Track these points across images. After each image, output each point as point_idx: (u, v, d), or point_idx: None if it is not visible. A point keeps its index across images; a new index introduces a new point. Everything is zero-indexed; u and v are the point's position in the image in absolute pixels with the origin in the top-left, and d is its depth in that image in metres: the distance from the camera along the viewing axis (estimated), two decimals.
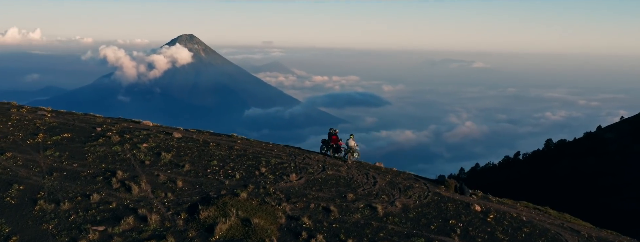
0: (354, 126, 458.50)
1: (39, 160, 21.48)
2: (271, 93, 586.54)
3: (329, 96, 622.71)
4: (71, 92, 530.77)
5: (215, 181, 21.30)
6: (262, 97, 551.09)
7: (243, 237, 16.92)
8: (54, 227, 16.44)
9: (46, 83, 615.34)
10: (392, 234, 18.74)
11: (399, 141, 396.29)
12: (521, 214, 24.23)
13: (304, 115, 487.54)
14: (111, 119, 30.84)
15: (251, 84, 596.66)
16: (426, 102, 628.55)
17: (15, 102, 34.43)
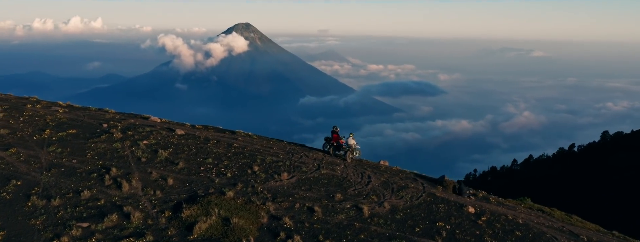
0: (409, 115, 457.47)
1: (41, 156, 22.38)
2: (326, 81, 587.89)
3: (384, 85, 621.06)
4: (130, 79, 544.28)
5: (206, 179, 21.78)
6: (316, 85, 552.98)
7: (221, 237, 17.31)
8: (41, 223, 17.19)
9: (107, 71, 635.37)
10: (374, 236, 18.84)
11: (454, 130, 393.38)
12: (519, 216, 23.91)
13: (358, 104, 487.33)
14: (121, 114, 31.71)
15: (306, 72, 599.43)
16: (483, 91, 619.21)
17: (36, 97, 35.63)
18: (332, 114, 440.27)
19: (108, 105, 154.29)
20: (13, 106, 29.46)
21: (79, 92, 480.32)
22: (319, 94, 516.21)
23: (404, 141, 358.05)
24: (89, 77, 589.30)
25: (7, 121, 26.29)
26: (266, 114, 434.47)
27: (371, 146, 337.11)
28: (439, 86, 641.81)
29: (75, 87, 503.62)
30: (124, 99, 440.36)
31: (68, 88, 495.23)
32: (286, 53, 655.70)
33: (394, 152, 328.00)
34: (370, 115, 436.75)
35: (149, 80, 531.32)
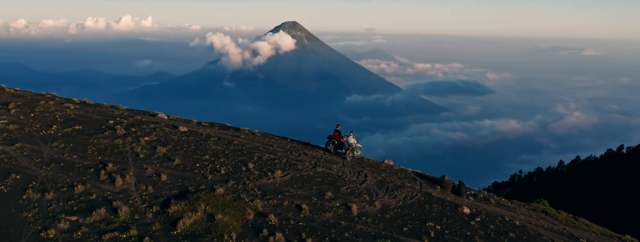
0: (456, 114, 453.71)
1: (44, 151, 23.13)
2: (372, 80, 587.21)
3: (431, 84, 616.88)
4: (179, 77, 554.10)
5: (199, 176, 22.15)
6: (363, 84, 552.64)
7: (204, 232, 17.62)
8: (32, 216, 17.81)
9: (156, 69, 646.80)
10: (358, 235, 18.87)
11: (502, 130, 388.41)
12: (517, 218, 23.55)
13: (405, 103, 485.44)
14: (130, 111, 32.40)
15: (353, 71, 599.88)
16: (532, 91, 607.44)
17: (54, 93, 36.62)
18: (378, 113, 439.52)
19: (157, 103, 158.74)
20: (27, 103, 30.44)
21: (128, 90, 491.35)
22: (366, 93, 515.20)
23: (450, 141, 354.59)
24: (138, 75, 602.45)
25: (17, 117, 27.21)
26: (312, 112, 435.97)
27: (417, 146, 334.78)
28: (487, 85, 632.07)
29: (125, 85, 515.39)
30: (172, 97, 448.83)
31: (118, 86, 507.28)
32: (333, 51, 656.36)
33: (440, 152, 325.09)
34: (416, 115, 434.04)
35: (197, 79, 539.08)
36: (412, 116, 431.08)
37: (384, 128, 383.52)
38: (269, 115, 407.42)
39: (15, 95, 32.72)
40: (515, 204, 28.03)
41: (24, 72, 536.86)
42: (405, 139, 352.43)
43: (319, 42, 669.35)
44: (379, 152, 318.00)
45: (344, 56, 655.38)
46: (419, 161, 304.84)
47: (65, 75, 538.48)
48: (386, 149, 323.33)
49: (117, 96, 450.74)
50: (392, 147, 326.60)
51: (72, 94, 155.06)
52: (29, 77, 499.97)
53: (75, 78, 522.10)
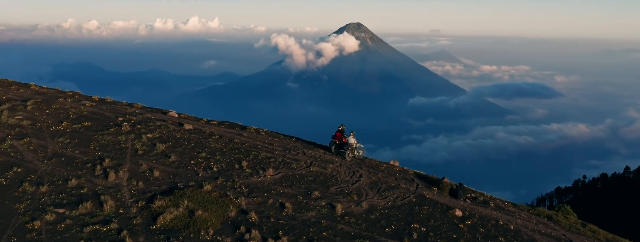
0: (522, 117, 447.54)
1: (49, 146, 24.17)
2: (437, 82, 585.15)
3: (497, 86, 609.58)
4: (244, 78, 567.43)
5: (191, 173, 22.69)
6: (427, 86, 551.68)
7: (183, 228, 18.12)
8: (24, 207, 18.71)
9: (222, 69, 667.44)
10: (337, 234, 18.96)
11: (570, 134, 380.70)
12: (512, 222, 23.09)
13: (469, 106, 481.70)
14: (143, 109, 33.34)
15: (417, 72, 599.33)
16: (603, 94, 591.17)
17: (79, 91, 38.01)
18: (442, 115, 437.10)
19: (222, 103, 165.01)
20: (46, 100, 31.78)
21: (195, 90, 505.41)
22: (429, 95, 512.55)
23: (516, 145, 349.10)
24: (204, 75, 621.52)
25: (33, 113, 28.48)
26: (375, 113, 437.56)
27: (481, 149, 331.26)
28: (555, 88, 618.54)
29: (192, 85, 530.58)
30: (237, 97, 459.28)
31: (185, 85, 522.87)
32: (397, 53, 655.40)
33: (505, 156, 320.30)
34: (481, 118, 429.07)
35: (261, 79, 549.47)
36: (476, 119, 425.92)
37: (447, 131, 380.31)
38: (331, 117, 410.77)
39: (39, 93, 34.17)
40: (520, 208, 27.41)
41: (95, 71, 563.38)
42: (469, 142, 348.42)
43: (383, 44, 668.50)
44: (442, 155, 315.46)
45: (408, 58, 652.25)
46: (483, 165, 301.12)
47: (135, 75, 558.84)
48: (449, 152, 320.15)
49: (184, 96, 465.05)
50: (456, 151, 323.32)
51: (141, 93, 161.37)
52: (100, 76, 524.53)
53: (144, 78, 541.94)
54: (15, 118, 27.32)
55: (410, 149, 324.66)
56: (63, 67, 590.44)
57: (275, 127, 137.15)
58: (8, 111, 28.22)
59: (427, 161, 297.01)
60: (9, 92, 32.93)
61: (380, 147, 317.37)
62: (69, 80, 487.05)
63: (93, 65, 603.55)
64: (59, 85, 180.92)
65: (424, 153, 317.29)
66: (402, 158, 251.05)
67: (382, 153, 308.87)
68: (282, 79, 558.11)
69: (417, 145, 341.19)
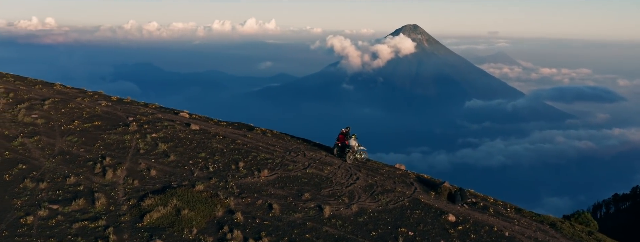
0: (583, 122, 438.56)
1: (57, 144, 25.16)
2: (494, 85, 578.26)
3: (557, 89, 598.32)
4: (300, 79, 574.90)
5: (187, 172, 23.23)
6: (484, 88, 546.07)
7: (167, 226, 18.62)
8: (21, 203, 19.60)
9: (278, 70, 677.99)
10: (320, 236, 19.10)
11: (634, 140, 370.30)
12: (508, 229, 22.69)
13: (528, 109, 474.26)
14: (157, 109, 34.18)
15: (474, 75, 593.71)
16: None
17: (102, 91, 39.26)
18: (499, 119, 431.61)
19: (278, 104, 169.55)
20: (65, 99, 33.04)
21: (251, 90, 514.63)
22: (486, 98, 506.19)
23: (576, 149, 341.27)
24: (261, 76, 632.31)
25: (48, 112, 29.68)
26: (431, 116, 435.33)
27: (540, 154, 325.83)
28: (617, 92, 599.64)
29: (248, 86, 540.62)
30: (293, 98, 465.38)
31: (241, 86, 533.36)
32: (454, 55, 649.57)
33: (564, 161, 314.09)
34: (540, 121, 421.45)
35: (317, 81, 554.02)
36: (535, 123, 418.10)
37: (504, 134, 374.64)
38: (386, 119, 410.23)
39: (60, 93, 35.51)
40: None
41: (154, 72, 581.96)
42: (527, 146, 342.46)
43: (439, 46, 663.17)
44: (499, 159, 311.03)
45: (465, 60, 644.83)
46: (541, 170, 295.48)
47: (193, 76, 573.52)
48: (506, 156, 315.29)
49: (241, 96, 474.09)
50: (513, 155, 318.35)
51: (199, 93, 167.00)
52: (159, 77, 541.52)
53: (201, 79, 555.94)
54: (30, 117, 28.53)
55: (465, 153, 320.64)
56: (124, 67, 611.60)
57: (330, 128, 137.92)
58: (25, 110, 29.50)
59: (483, 164, 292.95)
60: (31, 92, 34.36)
61: (435, 150, 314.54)
62: (129, 81, 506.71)
63: (152, 66, 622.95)
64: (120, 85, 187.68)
65: (480, 157, 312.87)
66: (457, 162, 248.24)
67: (437, 156, 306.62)
68: (338, 81, 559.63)
69: (473, 148, 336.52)
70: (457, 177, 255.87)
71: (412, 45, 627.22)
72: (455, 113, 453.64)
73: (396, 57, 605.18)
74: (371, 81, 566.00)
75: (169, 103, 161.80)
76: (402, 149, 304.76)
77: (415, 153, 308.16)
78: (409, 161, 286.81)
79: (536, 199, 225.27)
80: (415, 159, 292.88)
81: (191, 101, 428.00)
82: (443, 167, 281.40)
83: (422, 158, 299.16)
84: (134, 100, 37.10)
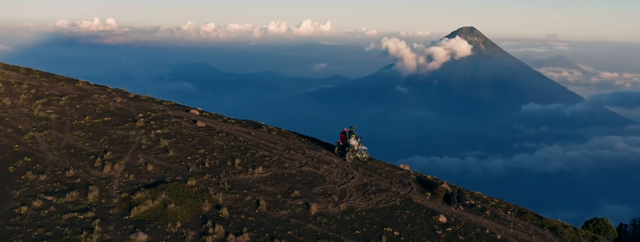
0: None
1: (65, 138, 26.14)
2: (552, 89, 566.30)
3: (618, 94, 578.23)
4: (354, 81, 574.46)
5: (182, 168, 23.78)
6: (542, 92, 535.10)
7: (153, 219, 19.17)
8: (20, 194, 20.50)
9: (333, 72, 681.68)
10: (302, 234, 19.29)
11: None
12: (502, 231, 22.35)
13: (587, 114, 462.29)
14: (170, 106, 34.96)
15: (531, 78, 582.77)
16: None
17: (123, 89, 40.40)
18: (557, 123, 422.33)
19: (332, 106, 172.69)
20: (82, 95, 34.21)
21: (306, 91, 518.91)
22: (544, 102, 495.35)
23: (637, 156, 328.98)
24: (315, 77, 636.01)
25: (63, 108, 30.83)
26: (486, 120, 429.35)
27: (599, 160, 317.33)
28: None
29: (303, 87, 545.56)
30: (347, 100, 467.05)
31: (296, 87, 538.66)
32: (511, 58, 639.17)
33: (624, 168, 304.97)
34: (599, 127, 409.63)
35: (371, 83, 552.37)
36: (594, 128, 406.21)
37: (562, 139, 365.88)
38: (441, 122, 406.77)
39: (80, 89, 36.77)
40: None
41: (211, 72, 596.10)
42: (586, 151, 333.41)
43: (496, 48, 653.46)
44: (556, 164, 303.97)
45: (522, 63, 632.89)
46: (600, 176, 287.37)
47: (248, 76, 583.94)
48: (564, 162, 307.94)
49: (295, 98, 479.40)
50: (571, 160, 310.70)
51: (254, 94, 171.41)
52: (215, 77, 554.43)
53: (257, 79, 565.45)
54: (46, 112, 29.68)
55: (522, 158, 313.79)
56: (181, 68, 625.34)
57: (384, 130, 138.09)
58: (42, 105, 30.71)
59: (540, 170, 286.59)
60: (53, 88, 35.71)
61: (491, 154, 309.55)
62: (186, 81, 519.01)
63: (209, 67, 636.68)
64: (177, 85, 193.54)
65: (536, 162, 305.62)
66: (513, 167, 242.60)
67: (492, 161, 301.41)
68: (392, 83, 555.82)
69: (529, 153, 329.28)
70: (513, 182, 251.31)
71: (468, 47, 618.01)
72: (511, 117, 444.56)
73: (452, 60, 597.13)
74: (426, 84, 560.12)
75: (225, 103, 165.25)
76: (456, 153, 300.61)
77: (469, 157, 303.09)
78: (463, 165, 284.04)
79: (594, 206, 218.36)
80: (470, 163, 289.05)
81: (246, 102, 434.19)
82: (498, 172, 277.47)
83: (477, 162, 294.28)
84: (152, 98, 38.04)
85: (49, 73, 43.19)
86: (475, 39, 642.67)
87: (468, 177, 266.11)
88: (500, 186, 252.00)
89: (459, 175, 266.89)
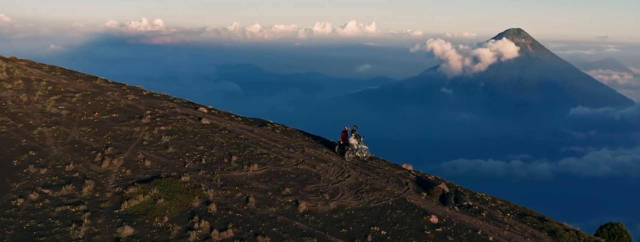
0: None
1: (71, 134, 26.94)
2: (602, 92, 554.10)
3: None
4: (399, 82, 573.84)
5: (179, 164, 24.23)
6: (591, 95, 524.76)
7: (142, 214, 19.64)
8: (19, 186, 21.28)
9: (377, 73, 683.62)
10: (287, 231, 19.47)
11: None
12: (495, 232, 22.06)
13: (638, 118, 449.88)
14: (180, 104, 35.54)
15: (580, 81, 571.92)
16: None
17: (141, 87, 41.28)
18: (607, 127, 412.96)
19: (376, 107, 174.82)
20: (96, 92, 35.13)
21: (350, 92, 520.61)
22: (593, 105, 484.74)
23: None
24: (359, 78, 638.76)
25: (75, 104, 31.74)
26: (533, 123, 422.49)
27: None
28: None
29: (347, 88, 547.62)
30: (391, 101, 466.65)
31: (340, 88, 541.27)
32: (559, 60, 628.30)
33: None
34: None
35: (415, 84, 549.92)
36: None
37: (611, 144, 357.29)
38: (486, 124, 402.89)
39: (96, 86, 37.74)
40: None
41: (256, 73, 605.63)
42: (636, 157, 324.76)
43: (544, 50, 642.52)
44: (605, 169, 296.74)
45: (571, 65, 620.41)
46: None
47: (293, 77, 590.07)
48: (613, 166, 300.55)
49: (339, 99, 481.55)
50: (620, 166, 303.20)
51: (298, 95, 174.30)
52: (260, 78, 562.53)
53: (301, 80, 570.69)
54: (57, 108, 30.62)
55: (569, 162, 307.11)
56: (226, 68, 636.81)
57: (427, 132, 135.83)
58: (55, 101, 31.66)
59: (588, 175, 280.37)
60: (70, 85, 36.75)
61: (537, 158, 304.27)
62: (231, 81, 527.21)
63: (254, 67, 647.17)
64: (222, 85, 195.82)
65: (584, 167, 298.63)
66: (560, 171, 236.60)
67: (539, 165, 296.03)
68: (437, 85, 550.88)
69: (577, 158, 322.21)
70: (559, 186, 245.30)
71: (515, 49, 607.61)
72: (559, 120, 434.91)
73: (498, 62, 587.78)
74: (471, 86, 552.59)
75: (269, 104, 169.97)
76: (501, 156, 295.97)
77: (515, 160, 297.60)
78: (508, 169, 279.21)
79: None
80: (516, 167, 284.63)
81: (290, 102, 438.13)
82: (544, 176, 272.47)
83: (523, 166, 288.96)
84: (166, 96, 38.75)
85: (71, 70, 44.42)
86: (522, 40, 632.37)
87: (513, 181, 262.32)
88: (546, 190, 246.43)
89: (503, 179, 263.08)
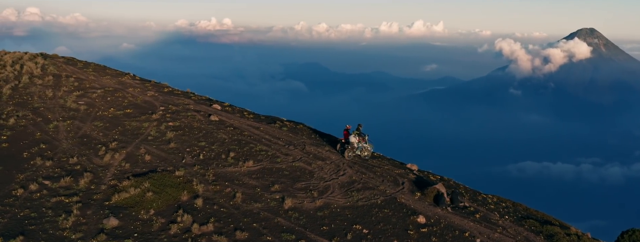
0: None
1: (83, 128, 28.19)
2: None
3: None
4: (466, 83, 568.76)
5: (177, 159, 24.98)
6: None
7: (129, 206, 20.46)
8: (23, 177, 22.53)
9: (443, 73, 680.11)
10: (268, 227, 19.86)
11: None
12: (483, 234, 21.73)
13: None
14: (196, 100, 36.42)
15: None
16: None
17: (167, 83, 42.54)
18: None
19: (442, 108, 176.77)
20: (117, 88, 36.51)
21: (416, 92, 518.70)
22: None
23: None
24: (426, 78, 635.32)
25: (94, 100, 33.13)
26: (605, 126, 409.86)
27: None
28: None
29: (413, 88, 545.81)
30: (458, 102, 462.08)
31: (406, 88, 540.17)
32: (635, 61, 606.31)
33: None
34: None
35: (483, 84, 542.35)
36: None
37: None
38: (555, 126, 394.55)
39: (121, 83, 39.18)
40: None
41: (321, 72, 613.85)
42: None
43: (618, 51, 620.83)
44: None
45: None
46: None
47: (358, 77, 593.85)
48: None
49: (405, 99, 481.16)
50: None
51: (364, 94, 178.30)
52: (326, 77, 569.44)
53: (367, 80, 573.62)
54: (77, 103, 32.06)
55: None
56: (293, 67, 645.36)
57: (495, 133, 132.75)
58: (76, 97, 33.14)
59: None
60: (96, 81, 38.34)
61: (609, 161, 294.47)
62: (297, 80, 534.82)
63: (320, 66, 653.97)
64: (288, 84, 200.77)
65: None
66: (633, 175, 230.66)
67: (610, 169, 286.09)
68: (505, 85, 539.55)
69: None
70: (631, 191, 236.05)
71: (587, 49, 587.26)
72: (633, 123, 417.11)
73: (569, 62, 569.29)
74: (541, 87, 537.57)
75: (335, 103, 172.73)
76: (570, 159, 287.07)
77: (585, 164, 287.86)
78: (577, 172, 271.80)
79: None
80: (585, 170, 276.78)
81: (356, 102, 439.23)
82: (615, 181, 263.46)
83: (593, 169, 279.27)
84: (187, 92, 39.79)
85: (104, 66, 46.21)
86: (595, 40, 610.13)
87: (583, 185, 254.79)
88: (617, 195, 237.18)
89: (572, 182, 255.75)
